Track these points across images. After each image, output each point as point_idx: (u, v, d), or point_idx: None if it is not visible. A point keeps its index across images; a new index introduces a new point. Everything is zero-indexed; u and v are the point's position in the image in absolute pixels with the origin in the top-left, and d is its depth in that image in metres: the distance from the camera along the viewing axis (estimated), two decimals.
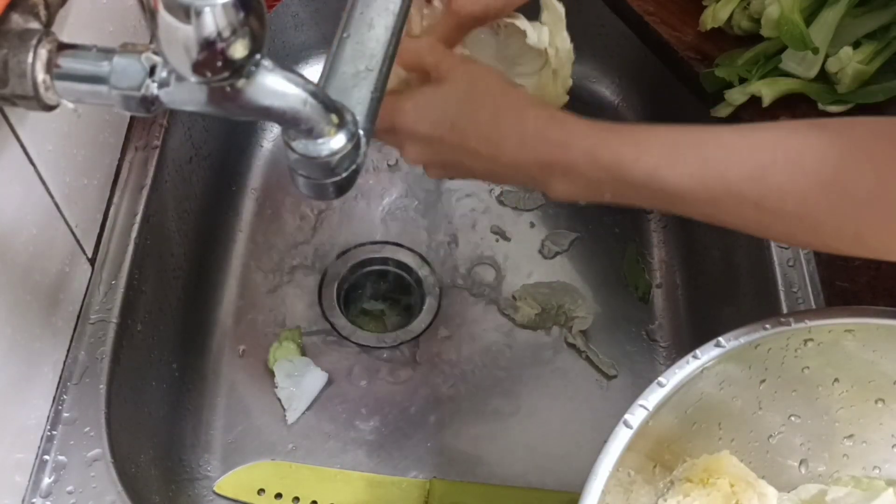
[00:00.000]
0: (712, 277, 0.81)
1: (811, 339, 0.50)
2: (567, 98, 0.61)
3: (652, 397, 0.47)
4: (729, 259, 0.78)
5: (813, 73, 0.71)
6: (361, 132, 0.43)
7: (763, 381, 0.51)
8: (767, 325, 0.49)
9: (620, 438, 0.45)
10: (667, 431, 0.49)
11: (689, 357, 0.48)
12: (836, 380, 0.52)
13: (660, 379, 0.47)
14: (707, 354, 0.48)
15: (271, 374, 0.78)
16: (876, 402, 0.53)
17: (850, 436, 0.54)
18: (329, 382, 0.79)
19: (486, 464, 0.75)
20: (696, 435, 0.52)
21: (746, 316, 0.72)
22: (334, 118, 0.41)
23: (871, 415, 0.53)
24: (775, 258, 0.68)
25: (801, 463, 0.55)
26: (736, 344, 0.49)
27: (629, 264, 0.87)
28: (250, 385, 0.78)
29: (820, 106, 0.72)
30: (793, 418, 0.53)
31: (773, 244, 0.69)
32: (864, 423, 0.54)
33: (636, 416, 0.46)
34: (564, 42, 0.60)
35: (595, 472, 0.44)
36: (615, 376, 0.80)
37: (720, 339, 0.49)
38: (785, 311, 0.65)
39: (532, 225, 0.89)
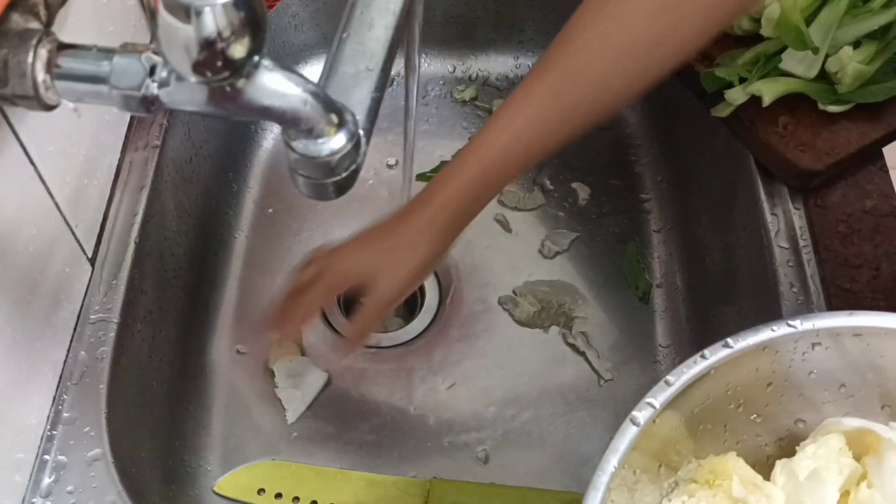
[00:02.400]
0: (712, 277, 0.81)
1: (819, 343, 0.50)
2: None
3: (660, 395, 0.46)
4: (729, 259, 0.78)
5: (813, 72, 0.71)
6: (361, 132, 0.43)
7: (770, 384, 0.51)
8: (775, 327, 0.49)
9: (627, 435, 0.45)
10: (673, 431, 0.49)
11: (696, 357, 0.48)
12: (843, 385, 0.52)
13: (667, 377, 0.47)
14: (715, 355, 0.48)
15: (271, 373, 0.78)
16: (882, 407, 0.52)
17: None
18: (329, 382, 0.79)
19: (486, 464, 0.75)
20: (702, 436, 0.51)
21: (747, 316, 0.73)
22: (334, 118, 0.41)
23: (877, 420, 0.52)
24: (776, 258, 0.68)
25: None
26: (744, 345, 0.48)
27: (629, 264, 0.87)
28: (250, 385, 0.78)
29: (820, 105, 0.72)
30: (799, 423, 0.53)
31: (774, 244, 0.69)
32: None
33: (643, 413, 0.46)
34: None
35: (601, 468, 0.44)
36: (611, 380, 0.80)
37: (728, 339, 0.48)
38: (784, 311, 0.65)
39: (532, 225, 0.89)
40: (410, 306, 0.85)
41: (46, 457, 0.57)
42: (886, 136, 0.72)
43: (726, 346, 0.48)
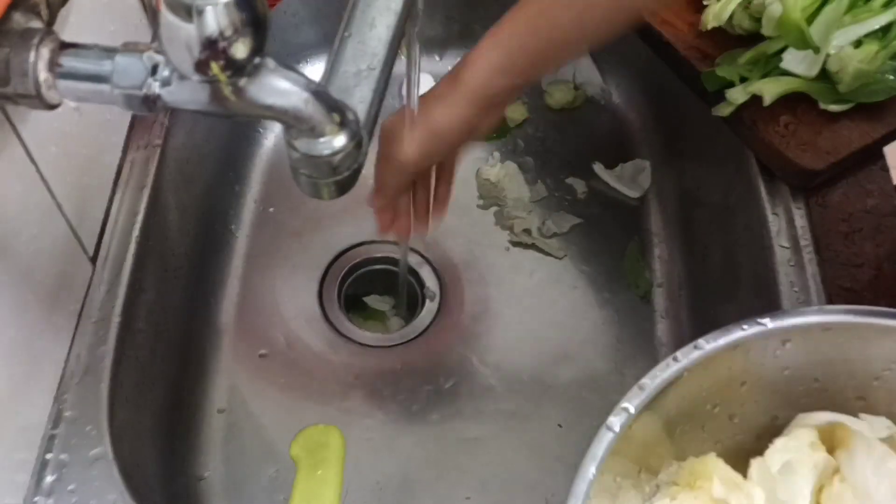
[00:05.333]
0: (713, 276, 0.81)
1: (789, 340, 0.50)
2: None
3: (634, 400, 0.46)
4: (730, 258, 0.78)
5: (814, 72, 0.71)
6: (363, 131, 0.43)
7: (744, 383, 0.51)
8: (745, 326, 0.49)
9: (604, 442, 0.45)
10: (651, 435, 0.49)
11: (668, 360, 0.48)
12: (816, 379, 0.52)
13: (641, 382, 0.47)
14: (686, 357, 0.48)
15: (271, 373, 0.78)
16: (857, 399, 0.52)
17: None
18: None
19: (489, 462, 0.75)
20: (681, 438, 0.51)
21: (747, 315, 0.72)
22: (336, 117, 0.41)
23: (853, 413, 0.52)
24: (777, 257, 0.68)
25: None
26: (715, 346, 0.48)
27: (630, 263, 0.87)
28: (251, 384, 0.78)
29: (821, 105, 0.72)
30: (776, 420, 0.53)
31: (774, 244, 0.69)
32: None
33: (619, 418, 0.46)
34: None
35: (580, 476, 0.44)
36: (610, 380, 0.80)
37: (699, 341, 0.48)
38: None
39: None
40: (412, 306, 0.85)
41: (48, 456, 0.57)
42: (887, 135, 0.72)
43: (697, 347, 0.48)
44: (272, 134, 0.94)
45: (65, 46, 0.42)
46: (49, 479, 0.57)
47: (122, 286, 0.64)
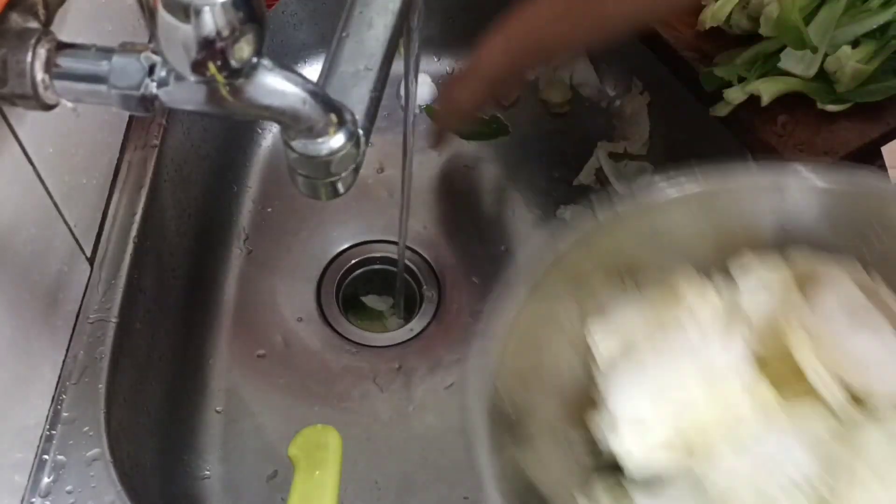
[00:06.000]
0: None
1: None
2: None
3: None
4: None
5: (812, 72, 0.72)
6: (361, 131, 0.43)
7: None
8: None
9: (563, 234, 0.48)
10: (619, 248, 0.51)
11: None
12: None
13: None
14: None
15: (269, 374, 0.78)
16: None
17: None
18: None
19: None
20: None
21: None
22: (334, 117, 0.41)
23: None
24: None
25: None
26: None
27: None
28: (249, 384, 0.78)
29: (819, 105, 0.72)
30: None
31: None
32: None
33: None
34: None
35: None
36: None
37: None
38: None
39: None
40: (410, 306, 0.85)
41: (45, 456, 0.57)
42: (885, 135, 0.72)
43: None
44: (270, 134, 0.94)
45: (62, 47, 0.42)
46: (46, 479, 0.56)
47: (119, 286, 0.64)
